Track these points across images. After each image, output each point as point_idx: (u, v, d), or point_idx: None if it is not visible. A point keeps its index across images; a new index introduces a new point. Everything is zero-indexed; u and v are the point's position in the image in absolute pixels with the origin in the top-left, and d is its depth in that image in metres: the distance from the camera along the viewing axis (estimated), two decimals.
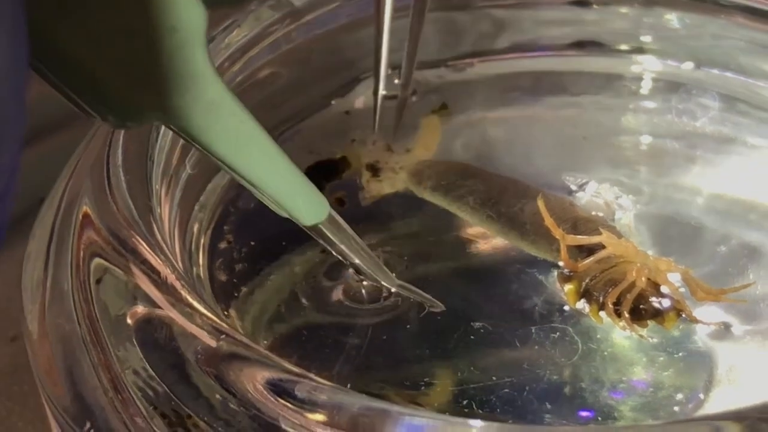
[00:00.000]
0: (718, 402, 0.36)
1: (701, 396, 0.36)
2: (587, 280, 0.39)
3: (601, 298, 0.38)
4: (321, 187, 0.42)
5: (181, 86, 0.31)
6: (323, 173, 0.45)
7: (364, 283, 0.40)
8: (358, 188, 0.45)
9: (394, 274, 0.40)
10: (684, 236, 0.42)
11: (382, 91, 0.45)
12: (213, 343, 0.30)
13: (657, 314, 0.38)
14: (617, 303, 0.38)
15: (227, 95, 0.32)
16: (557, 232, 0.40)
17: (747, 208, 0.44)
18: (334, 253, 0.38)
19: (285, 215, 0.36)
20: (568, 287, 0.39)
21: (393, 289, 0.40)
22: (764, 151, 0.47)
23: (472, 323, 0.39)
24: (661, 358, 0.37)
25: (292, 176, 0.35)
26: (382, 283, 0.40)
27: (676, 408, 0.36)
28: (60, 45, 0.28)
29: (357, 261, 0.39)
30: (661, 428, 0.29)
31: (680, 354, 0.38)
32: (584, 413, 0.36)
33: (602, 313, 0.38)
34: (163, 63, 0.30)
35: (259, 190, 0.35)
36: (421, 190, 0.44)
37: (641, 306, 0.38)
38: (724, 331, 0.38)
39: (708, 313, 0.39)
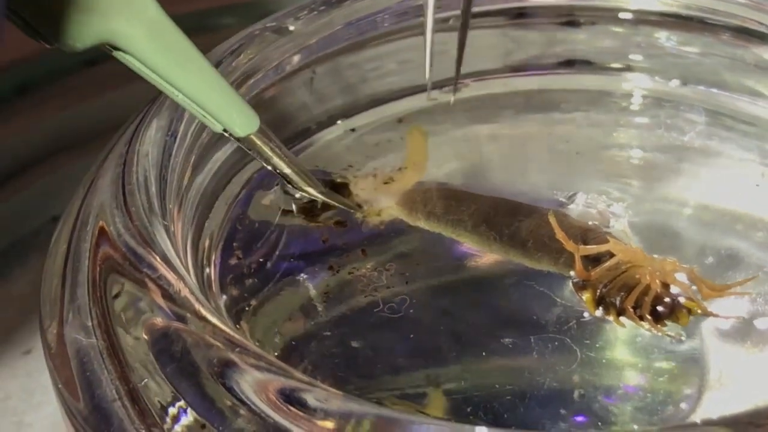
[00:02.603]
0: (710, 407, 0.36)
1: (694, 401, 0.37)
2: (601, 288, 0.39)
3: (618, 303, 0.38)
4: (315, 216, 0.43)
5: (123, 8, 0.34)
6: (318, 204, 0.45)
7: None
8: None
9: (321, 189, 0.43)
10: (672, 246, 0.43)
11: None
12: (226, 355, 0.30)
13: (672, 313, 0.38)
14: (635, 306, 0.38)
15: (165, 16, 0.35)
16: (570, 246, 0.40)
17: (733, 219, 0.44)
18: (265, 165, 0.41)
19: (220, 130, 0.39)
20: (586, 296, 0.39)
21: (319, 196, 0.43)
22: (748, 164, 0.47)
23: (473, 333, 0.39)
24: (656, 365, 0.37)
25: (225, 91, 0.38)
26: (309, 190, 0.42)
27: (670, 412, 0.36)
28: None
29: (287, 171, 0.41)
30: None
31: (674, 361, 0.38)
32: (583, 419, 0.36)
33: (622, 318, 0.38)
34: None
35: (197, 104, 0.37)
36: (414, 220, 0.44)
37: (658, 307, 0.38)
38: (715, 338, 0.38)
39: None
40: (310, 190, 0.43)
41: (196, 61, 0.37)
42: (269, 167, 0.41)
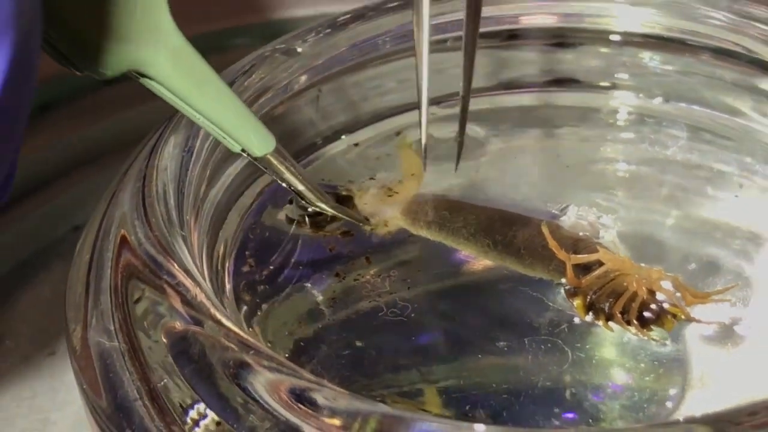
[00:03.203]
0: (693, 405, 0.37)
1: (677, 400, 0.37)
2: (591, 294, 0.39)
3: (607, 309, 0.39)
4: (321, 227, 0.43)
5: (151, 38, 0.35)
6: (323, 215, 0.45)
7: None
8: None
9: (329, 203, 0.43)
10: (656, 254, 0.43)
11: (424, 139, 0.45)
12: (240, 356, 0.31)
13: (658, 318, 0.38)
14: (623, 312, 0.38)
15: (187, 44, 0.36)
16: (562, 255, 0.40)
17: (712, 228, 0.44)
18: (280, 182, 0.41)
19: (238, 150, 0.39)
20: (576, 302, 0.39)
21: (331, 211, 0.43)
22: (727, 176, 0.47)
23: (471, 336, 0.39)
24: (642, 366, 0.38)
25: (243, 114, 0.39)
26: (321, 205, 0.43)
27: (655, 410, 0.36)
28: (53, 10, 0.32)
29: (301, 188, 0.42)
30: (648, 429, 0.29)
31: (658, 362, 0.38)
32: (574, 416, 0.36)
33: (611, 323, 0.39)
34: (136, 20, 0.34)
35: (217, 126, 0.38)
36: (417, 228, 0.44)
37: (645, 313, 0.38)
38: (697, 341, 0.39)
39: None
40: (322, 205, 0.43)
41: (215, 85, 0.37)
42: (284, 184, 0.41)
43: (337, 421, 0.29)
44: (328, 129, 0.49)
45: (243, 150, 0.39)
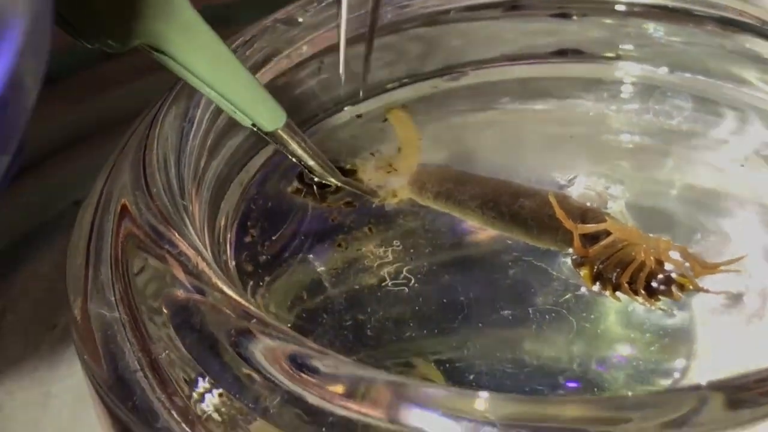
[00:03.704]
0: (699, 374, 0.36)
1: (683, 370, 0.37)
2: (598, 264, 0.39)
3: (614, 279, 0.38)
4: (322, 198, 0.43)
5: (161, 11, 0.35)
6: (325, 185, 0.45)
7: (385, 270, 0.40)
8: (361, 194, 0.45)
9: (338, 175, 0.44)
10: (662, 225, 0.42)
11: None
12: (242, 325, 0.30)
13: (666, 288, 0.38)
14: (630, 282, 0.38)
15: (198, 18, 0.36)
16: (569, 224, 0.40)
17: (718, 198, 0.44)
18: (290, 157, 0.41)
19: (249, 125, 0.39)
20: (583, 272, 0.39)
21: (340, 185, 0.43)
22: (732, 145, 0.47)
23: (475, 306, 0.39)
24: (648, 336, 0.37)
25: (254, 88, 0.39)
26: (331, 180, 0.43)
27: (661, 380, 0.36)
28: None
29: (311, 162, 0.42)
30: (654, 397, 0.29)
31: (663, 331, 0.38)
32: (578, 385, 0.36)
33: (618, 293, 0.38)
34: None
35: (228, 101, 0.38)
36: (424, 199, 0.44)
37: (652, 283, 0.38)
38: (704, 311, 0.38)
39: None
40: (332, 180, 0.43)
41: (227, 59, 0.38)
42: (294, 159, 0.42)
43: (340, 389, 0.28)
44: (330, 100, 0.49)
45: (253, 124, 0.39)
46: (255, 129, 0.40)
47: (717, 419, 0.27)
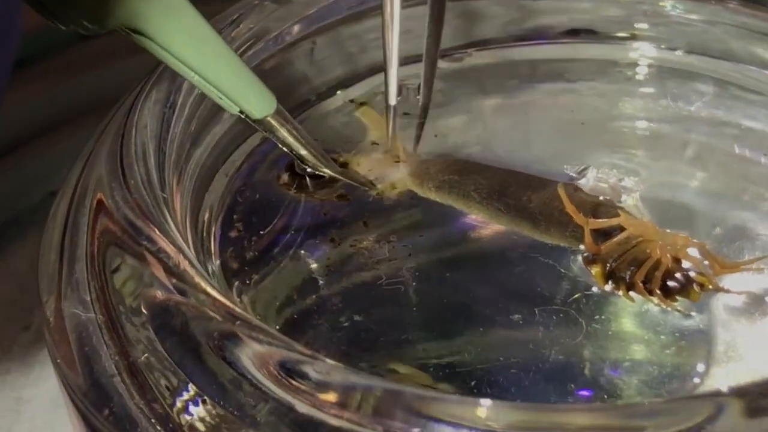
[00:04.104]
0: (718, 379, 0.36)
1: (701, 375, 0.37)
2: (611, 262, 0.39)
3: (627, 278, 0.38)
4: (311, 193, 0.43)
5: None
6: (312, 177, 0.45)
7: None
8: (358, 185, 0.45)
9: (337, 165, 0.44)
10: (680, 218, 0.43)
11: (393, 102, 0.45)
12: (227, 328, 0.30)
13: (684, 288, 0.38)
14: (645, 281, 0.38)
15: None
16: (580, 219, 0.40)
17: (740, 190, 0.44)
18: (281, 146, 0.41)
19: (236, 112, 0.39)
20: (595, 270, 0.39)
21: (335, 175, 0.43)
22: (756, 133, 0.47)
23: (477, 306, 0.39)
24: (663, 338, 0.37)
25: (243, 73, 0.39)
26: (324, 170, 0.43)
27: (677, 385, 0.36)
28: None
29: (304, 152, 0.42)
30: (670, 404, 0.29)
31: (680, 333, 0.38)
32: (588, 392, 0.36)
33: (632, 293, 0.38)
34: None
35: (214, 87, 0.38)
36: (425, 191, 0.44)
37: (669, 282, 0.38)
38: (723, 312, 0.38)
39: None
40: (326, 170, 0.43)
41: (213, 42, 0.38)
42: (284, 148, 0.42)
43: (332, 397, 0.28)
44: (323, 84, 0.49)
45: (241, 111, 0.39)
46: (243, 116, 0.40)
47: (735, 428, 0.27)
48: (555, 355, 0.37)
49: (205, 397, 0.30)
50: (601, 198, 0.42)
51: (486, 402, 0.28)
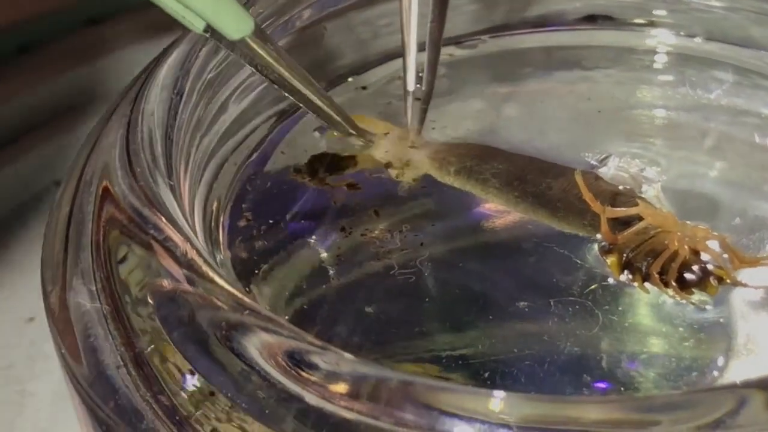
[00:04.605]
0: (738, 372, 0.36)
1: (721, 367, 0.36)
2: (628, 252, 0.39)
3: (644, 269, 0.38)
4: (322, 179, 0.43)
5: None
6: (326, 165, 0.45)
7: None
8: (368, 174, 0.44)
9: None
10: (699, 208, 0.43)
11: (411, 87, 0.45)
12: (235, 318, 0.30)
13: (701, 281, 0.38)
14: (661, 272, 0.38)
15: None
16: (597, 207, 0.40)
17: (761, 180, 0.44)
18: (265, 77, 0.39)
19: (200, 29, 0.37)
20: (611, 260, 0.39)
21: (326, 110, 0.42)
22: None
23: (491, 297, 0.39)
24: (681, 329, 0.37)
25: None
26: (314, 101, 0.41)
27: (696, 378, 0.36)
28: None
29: (291, 79, 0.40)
30: (689, 396, 0.28)
31: (699, 325, 0.38)
32: (605, 385, 0.36)
33: (648, 284, 0.38)
34: None
35: (181, 1, 0.35)
36: (443, 175, 0.44)
37: (685, 274, 0.38)
38: (743, 305, 0.38)
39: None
40: (317, 101, 0.41)
41: None
42: (267, 78, 0.40)
43: (342, 388, 0.28)
44: (334, 70, 0.49)
45: (207, 31, 0.37)
46: (211, 35, 0.37)
47: (757, 421, 0.27)
48: (570, 347, 0.37)
49: (214, 389, 0.30)
50: (621, 187, 0.42)
51: (499, 394, 0.28)
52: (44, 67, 0.60)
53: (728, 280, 0.38)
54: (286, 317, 0.38)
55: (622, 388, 0.36)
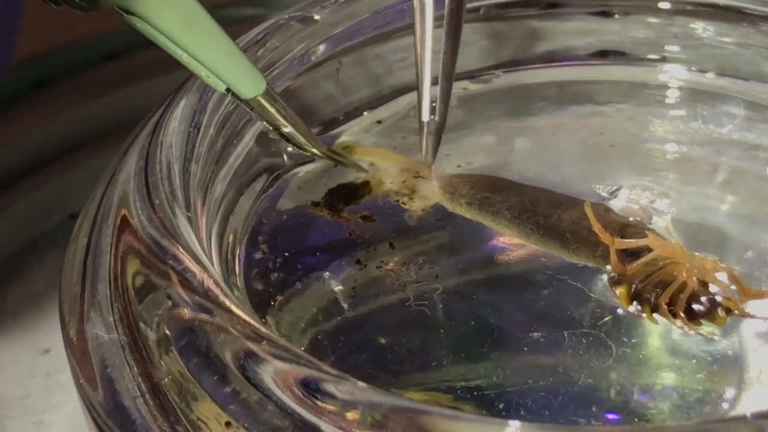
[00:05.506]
0: (751, 405, 0.36)
1: (733, 399, 0.37)
2: (637, 283, 0.39)
3: (653, 300, 0.38)
4: (339, 211, 0.43)
5: None
6: (342, 197, 0.45)
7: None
8: (383, 206, 0.45)
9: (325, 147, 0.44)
10: (711, 242, 0.43)
11: (425, 118, 0.45)
12: (252, 348, 0.31)
13: (709, 312, 0.38)
14: (670, 303, 0.38)
15: None
16: (606, 238, 0.40)
17: None
18: (270, 127, 0.42)
19: (223, 90, 0.40)
20: (620, 291, 0.39)
21: (320, 154, 0.44)
22: None
23: (505, 329, 0.39)
24: (693, 362, 0.37)
25: (233, 53, 0.40)
26: (312, 150, 0.43)
27: (708, 410, 0.36)
28: None
29: (291, 131, 0.42)
30: (701, 427, 0.29)
31: (711, 357, 0.38)
32: (618, 416, 0.36)
33: (656, 315, 0.38)
34: None
35: (203, 64, 0.39)
36: (455, 205, 0.44)
37: (693, 305, 0.38)
38: (754, 337, 0.38)
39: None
40: (315, 150, 0.44)
41: (203, 21, 0.38)
42: (272, 128, 0.42)
43: (357, 416, 0.29)
44: (349, 105, 0.49)
45: (228, 90, 0.40)
46: (231, 96, 0.41)
47: None
48: (584, 378, 0.37)
49: (230, 419, 0.30)
50: (630, 219, 0.42)
51: (514, 424, 0.28)
52: (61, 101, 0.61)
53: (736, 312, 0.38)
54: (302, 348, 0.38)
55: (636, 421, 0.36)
